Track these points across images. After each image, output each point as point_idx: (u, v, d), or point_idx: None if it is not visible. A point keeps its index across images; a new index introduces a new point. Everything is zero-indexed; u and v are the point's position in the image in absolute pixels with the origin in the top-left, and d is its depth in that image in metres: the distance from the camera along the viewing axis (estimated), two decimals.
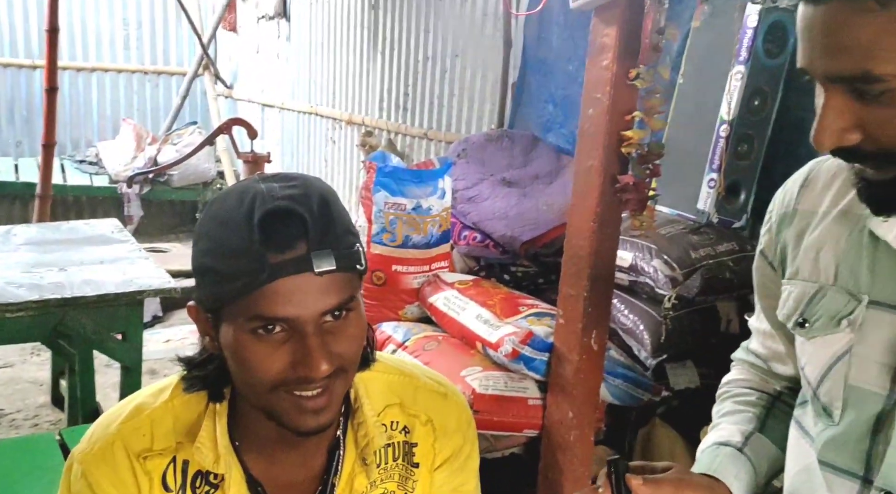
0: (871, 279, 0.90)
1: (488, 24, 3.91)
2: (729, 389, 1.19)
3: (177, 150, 6.02)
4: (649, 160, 2.14)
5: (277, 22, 5.98)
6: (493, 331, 2.39)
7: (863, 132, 0.78)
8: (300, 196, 0.88)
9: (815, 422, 0.97)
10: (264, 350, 0.89)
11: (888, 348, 0.87)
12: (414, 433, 1.11)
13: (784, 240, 1.02)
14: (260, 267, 0.85)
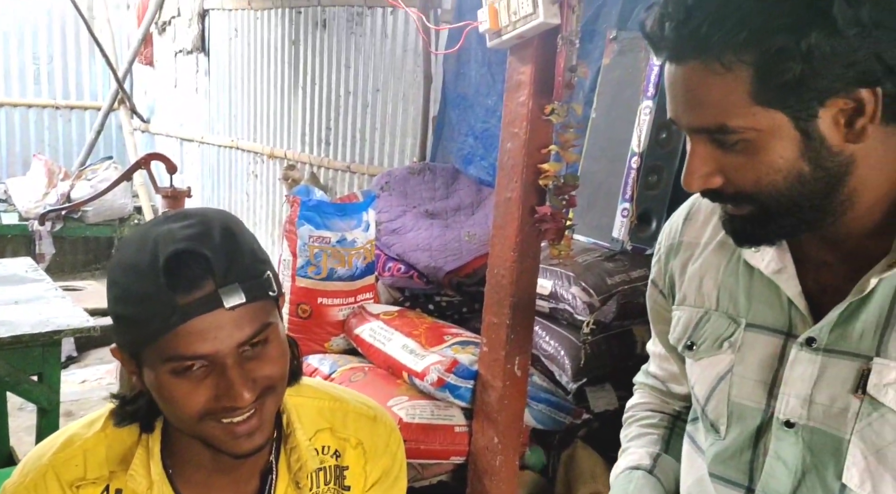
0: (747, 304, 0.99)
1: (409, 59, 4.00)
2: (634, 413, 1.28)
3: (91, 186, 5.88)
4: (565, 191, 2.24)
5: (196, 56, 5.94)
6: (419, 361, 2.43)
7: (723, 177, 0.87)
8: (200, 234, 0.90)
9: (705, 437, 1.06)
10: (186, 387, 0.91)
11: (763, 366, 0.96)
12: (345, 456, 1.14)
13: (672, 269, 1.12)
14: (169, 311, 0.87)
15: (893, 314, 0.87)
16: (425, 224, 3.12)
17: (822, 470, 0.92)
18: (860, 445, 0.88)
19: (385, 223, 3.15)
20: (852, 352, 0.89)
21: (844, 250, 0.92)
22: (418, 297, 3.01)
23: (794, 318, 0.95)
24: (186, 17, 5.93)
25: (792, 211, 0.87)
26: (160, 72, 6.53)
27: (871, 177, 0.86)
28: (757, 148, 0.84)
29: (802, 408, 0.92)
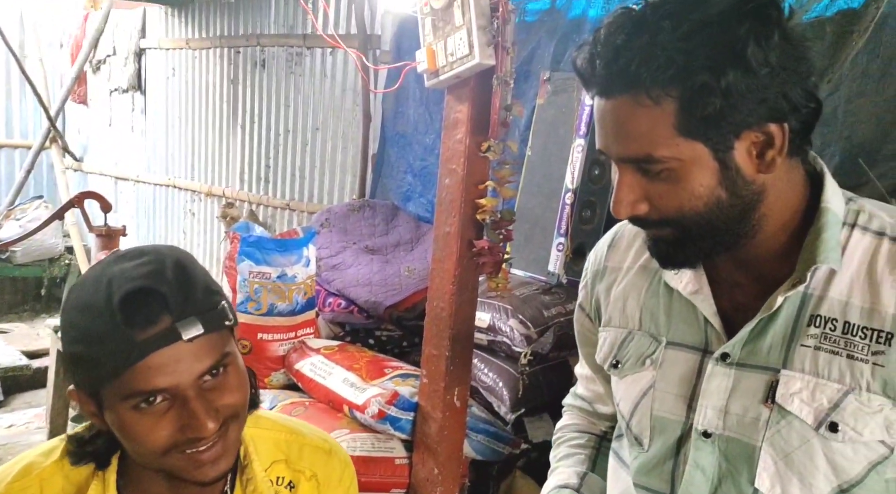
0: (668, 323, 1.07)
1: (348, 99, 4.06)
2: (563, 434, 1.35)
3: (20, 226, 5.75)
4: (502, 226, 2.31)
5: (132, 95, 5.90)
6: (360, 394, 2.44)
7: (649, 204, 0.95)
8: (154, 272, 0.92)
9: (629, 451, 1.13)
10: (149, 422, 0.92)
11: (682, 381, 1.04)
12: (299, 488, 1.17)
13: (597, 293, 1.20)
14: (128, 347, 0.89)
15: (797, 330, 0.96)
16: (365, 259, 3.15)
17: (736, 476, 0.99)
18: (770, 451, 0.96)
19: (325, 259, 3.17)
20: (762, 366, 0.97)
21: (755, 272, 1.00)
22: (359, 332, 3.03)
23: (709, 336, 1.03)
24: (122, 55, 5.90)
25: (710, 234, 0.95)
26: (94, 110, 6.46)
27: (776, 204, 0.96)
28: (680, 176, 0.92)
29: (718, 419, 1.00)
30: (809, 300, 0.96)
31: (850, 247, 0.96)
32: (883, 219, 0.97)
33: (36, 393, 4.80)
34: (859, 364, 0.92)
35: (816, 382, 0.94)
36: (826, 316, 0.95)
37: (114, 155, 6.28)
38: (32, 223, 5.54)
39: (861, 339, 0.92)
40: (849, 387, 0.92)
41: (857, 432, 0.92)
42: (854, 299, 0.94)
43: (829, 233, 0.95)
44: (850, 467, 0.93)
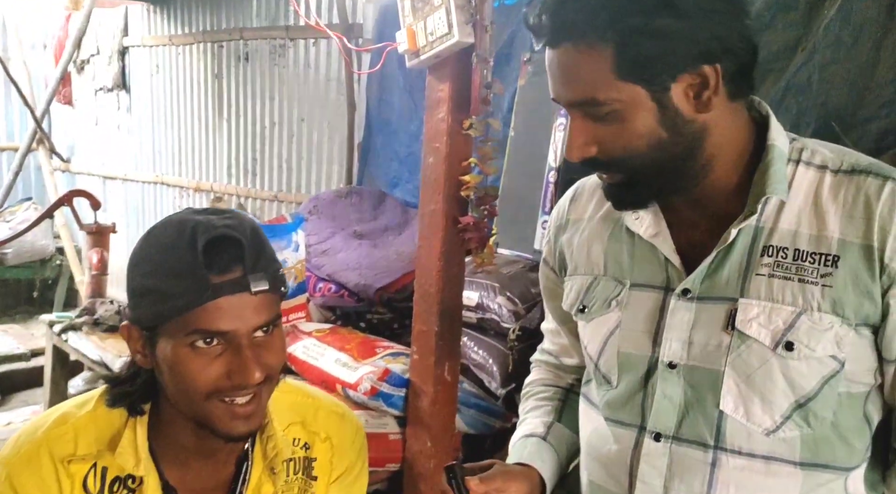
0: (631, 265, 1.13)
1: (332, 88, 4.09)
2: (531, 389, 1.40)
3: (10, 228, 5.75)
4: (486, 202, 2.35)
5: (117, 94, 5.92)
6: (352, 373, 2.48)
7: (598, 146, 1.02)
8: (236, 226, 1.01)
9: (598, 392, 1.18)
10: (202, 361, 1.00)
11: (647, 319, 1.10)
12: (313, 449, 1.23)
13: (561, 246, 1.25)
14: (203, 287, 0.97)
15: (752, 261, 1.02)
16: (354, 244, 3.19)
17: (702, 402, 1.05)
18: (733, 375, 1.02)
19: (314, 245, 3.21)
20: (721, 297, 1.04)
21: (709, 212, 1.07)
22: (350, 316, 3.07)
23: (671, 274, 1.09)
24: (106, 54, 5.91)
25: (657, 173, 1.02)
26: (80, 110, 6.46)
27: (723, 145, 1.02)
28: (622, 118, 0.98)
29: (683, 350, 1.06)
30: (762, 232, 1.02)
31: (796, 180, 1.02)
32: (824, 153, 1.04)
33: (32, 391, 4.82)
34: (810, 287, 0.98)
35: (772, 307, 0.99)
36: (778, 246, 1.01)
37: (101, 154, 6.29)
38: (22, 225, 5.55)
39: (811, 264, 0.98)
40: (802, 309, 0.98)
41: (811, 349, 0.98)
42: (802, 228, 1.00)
43: (776, 167, 1.01)
44: (805, 382, 0.99)
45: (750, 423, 1.02)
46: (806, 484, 1.02)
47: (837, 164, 1.02)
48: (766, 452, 1.02)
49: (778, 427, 1.01)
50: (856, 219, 0.97)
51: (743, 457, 1.02)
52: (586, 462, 1.21)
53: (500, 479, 1.13)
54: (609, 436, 1.14)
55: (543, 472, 1.21)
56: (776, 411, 1.00)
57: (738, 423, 1.02)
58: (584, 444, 1.22)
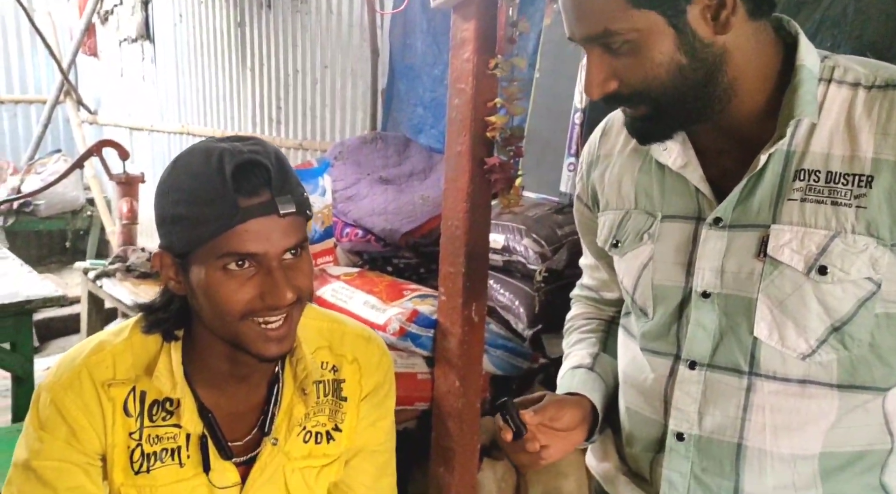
0: (661, 198, 1.12)
1: (355, 34, 4.06)
2: (573, 323, 1.41)
3: (42, 180, 5.83)
4: (512, 142, 2.34)
5: (141, 44, 5.92)
6: (380, 314, 2.52)
7: (618, 80, 1.00)
8: (261, 151, 1.03)
9: (636, 324, 1.19)
10: (235, 284, 1.03)
11: (679, 250, 1.10)
12: (342, 370, 1.26)
13: (593, 181, 1.25)
14: (233, 211, 0.99)
15: (784, 186, 1.01)
16: (380, 189, 3.20)
17: (736, 329, 1.05)
18: (766, 301, 1.02)
19: (340, 191, 3.22)
20: (753, 224, 1.03)
21: (738, 137, 1.05)
22: (376, 260, 3.10)
23: (701, 204, 1.08)
24: (129, 5, 5.90)
25: (680, 102, 1.00)
26: (105, 62, 6.48)
27: (748, 67, 1.00)
28: (640, 47, 0.96)
29: (716, 279, 1.06)
30: (793, 157, 1.00)
31: (828, 100, 1.00)
32: (857, 70, 1.01)
33: (69, 338, 4.96)
34: (843, 209, 0.96)
35: (804, 231, 0.98)
36: (809, 169, 0.99)
37: (127, 105, 6.32)
38: (52, 176, 5.62)
39: (843, 186, 0.97)
40: (835, 232, 0.97)
41: (845, 271, 0.97)
42: (835, 150, 0.98)
43: (805, 88, 0.98)
44: (840, 305, 0.98)
45: (785, 348, 1.02)
46: (843, 405, 1.02)
47: (871, 80, 0.99)
48: (801, 376, 1.02)
49: (814, 351, 1.01)
50: (890, 136, 0.95)
51: (778, 382, 1.03)
52: (624, 389, 1.23)
53: (552, 408, 1.14)
54: (645, 366, 1.16)
55: (594, 400, 1.22)
56: (811, 335, 1.00)
57: (773, 349, 1.02)
58: (622, 373, 1.24)
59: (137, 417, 1.13)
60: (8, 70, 6.80)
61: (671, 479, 1.12)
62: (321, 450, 1.25)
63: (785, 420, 1.03)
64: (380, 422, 1.32)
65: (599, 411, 1.22)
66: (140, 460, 1.13)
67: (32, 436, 1.12)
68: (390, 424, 1.35)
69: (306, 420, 1.23)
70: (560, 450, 1.16)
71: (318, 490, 1.26)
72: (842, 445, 1.03)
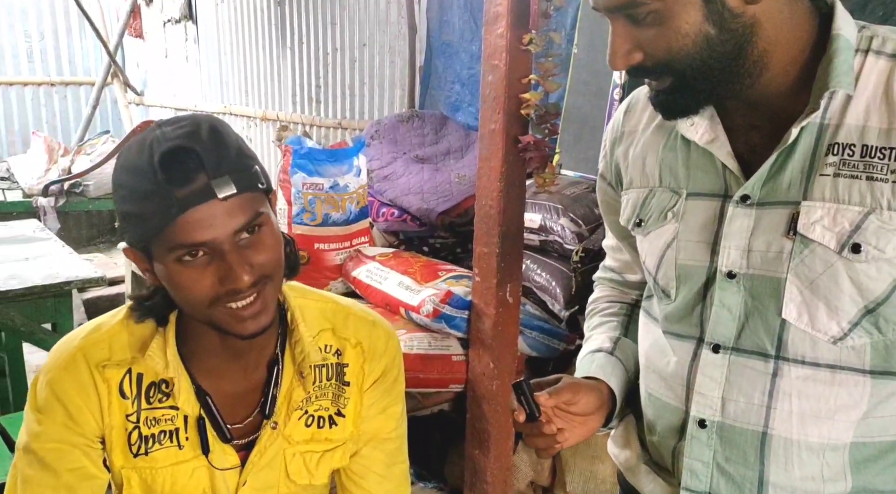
0: (686, 175, 1.07)
1: (392, 11, 4.02)
2: (595, 306, 1.37)
3: (91, 161, 5.94)
4: (547, 120, 2.28)
5: (184, 25, 5.96)
6: (415, 295, 2.50)
7: (642, 51, 0.95)
8: (191, 133, 0.99)
9: (658, 306, 1.14)
10: (192, 274, 1.00)
11: (704, 228, 1.05)
12: (345, 354, 1.24)
13: (616, 159, 1.20)
14: (169, 203, 0.96)
15: (816, 161, 0.95)
16: (416, 169, 3.17)
17: (763, 311, 1.00)
18: (796, 281, 0.96)
19: (377, 170, 3.20)
20: (783, 201, 0.97)
21: (768, 112, 0.99)
22: (413, 240, 3.08)
23: (728, 180, 1.03)
24: None
25: (707, 75, 0.95)
26: (150, 43, 6.56)
27: (780, 38, 0.94)
28: (665, 17, 0.92)
29: (742, 258, 1.01)
30: (826, 130, 0.95)
31: (865, 72, 0.94)
32: None
33: None
34: (879, 184, 0.91)
35: (837, 208, 0.93)
36: (844, 143, 0.93)
37: (171, 86, 6.39)
38: (101, 157, 5.73)
39: (880, 160, 0.91)
40: (870, 208, 0.92)
41: (880, 250, 0.92)
42: (871, 122, 0.93)
43: (841, 58, 0.93)
44: (874, 286, 0.93)
45: (815, 331, 0.97)
46: (875, 393, 0.97)
47: None
48: (832, 360, 0.97)
49: (846, 335, 0.96)
50: None
51: (807, 367, 0.98)
52: (645, 374, 1.19)
53: (568, 392, 1.11)
54: (667, 349, 1.12)
55: (613, 384, 1.18)
56: (843, 318, 0.95)
57: (802, 332, 0.97)
58: (643, 357, 1.20)
59: (134, 399, 1.13)
60: (58, 53, 6.93)
61: (693, 468, 1.08)
62: (323, 435, 1.23)
63: (813, 407, 0.99)
64: (389, 409, 1.29)
65: (618, 396, 1.19)
66: (138, 442, 1.13)
67: (31, 419, 1.12)
68: (401, 411, 1.32)
69: (308, 404, 1.21)
70: (576, 435, 1.13)
71: (318, 475, 1.24)
72: (874, 435, 0.99)
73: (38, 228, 3.17)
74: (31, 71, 6.85)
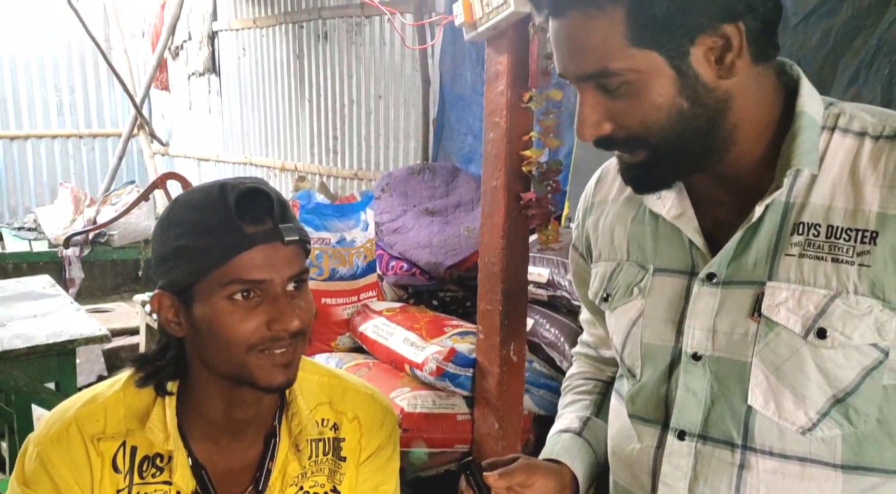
0: (654, 250, 1.04)
1: (407, 65, 4.07)
2: (570, 382, 1.31)
3: (116, 210, 6.03)
4: (549, 177, 2.27)
5: (208, 78, 6.08)
6: (419, 352, 2.47)
7: (613, 122, 0.92)
8: (261, 182, 1.05)
9: (626, 386, 1.09)
10: (241, 313, 1.01)
11: (670, 306, 1.00)
12: (342, 429, 1.21)
13: (587, 230, 1.16)
14: (238, 238, 1.00)
15: (781, 240, 0.92)
16: (426, 222, 3.17)
17: (729, 397, 0.95)
18: (761, 366, 0.92)
19: (387, 223, 3.21)
20: (748, 281, 0.93)
21: (735, 188, 0.96)
22: (422, 294, 3.06)
23: (695, 257, 0.99)
24: (197, 40, 6.09)
25: (680, 149, 0.91)
26: (175, 95, 6.69)
27: (748, 114, 0.91)
28: (638, 89, 0.89)
29: (707, 340, 0.96)
30: (791, 208, 0.92)
31: (831, 150, 0.91)
32: (864, 118, 0.92)
33: None
34: (845, 266, 0.88)
35: (802, 290, 0.90)
36: (809, 223, 0.90)
37: (195, 137, 6.50)
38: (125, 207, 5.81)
39: (845, 241, 0.88)
40: (835, 292, 0.88)
41: (847, 336, 0.87)
42: (837, 202, 0.90)
43: (805, 136, 0.90)
44: (842, 374, 0.89)
45: (782, 420, 0.92)
46: (848, 489, 0.91)
47: (879, 130, 0.90)
48: (801, 453, 0.92)
49: (815, 425, 0.91)
50: None
51: (775, 459, 0.93)
52: (612, 461, 1.14)
53: (522, 473, 1.07)
54: (632, 434, 1.06)
55: (576, 469, 1.13)
56: (811, 407, 0.90)
57: (769, 420, 0.92)
58: (611, 443, 1.14)
59: (126, 474, 1.10)
60: (87, 106, 7.08)
61: None
62: None
63: None
64: (382, 487, 1.25)
65: (581, 482, 1.13)
66: None
67: (17, 492, 1.10)
68: (394, 489, 1.28)
69: (303, 479, 1.18)
70: None
71: None
72: None
73: (49, 284, 3.20)
74: (60, 123, 7.01)
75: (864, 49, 2.10)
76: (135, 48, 6.91)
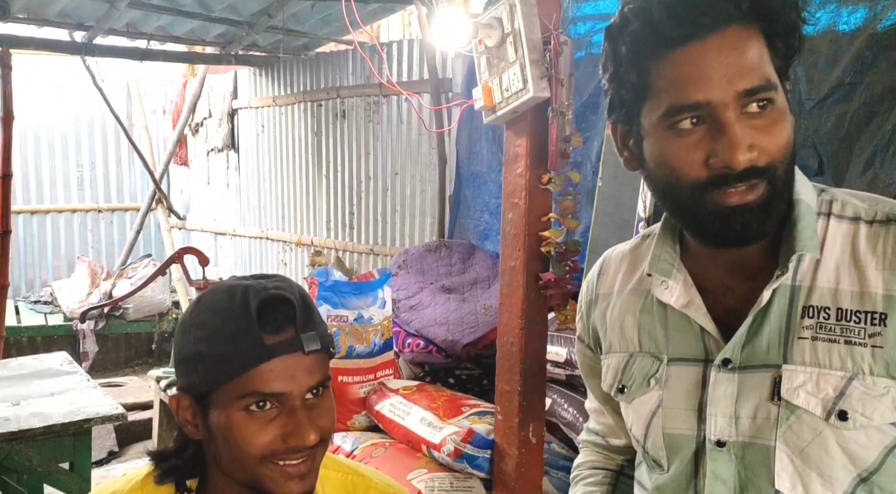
0: (666, 340, 1.04)
1: (423, 142, 4.14)
2: (579, 473, 1.29)
3: (131, 284, 6.07)
4: (567, 257, 2.29)
5: (226, 153, 6.20)
6: (437, 432, 2.44)
7: (757, 148, 0.87)
8: (286, 287, 1.02)
9: (649, 476, 1.08)
10: (257, 425, 0.99)
11: (689, 395, 1.00)
12: None
13: (593, 322, 1.16)
14: (258, 348, 0.97)
15: (792, 323, 0.93)
16: (442, 299, 3.17)
17: (756, 481, 0.95)
18: (785, 449, 0.92)
19: (403, 300, 3.21)
20: (763, 364, 0.94)
21: (742, 274, 0.98)
22: (439, 372, 3.04)
23: (708, 344, 0.99)
24: (217, 117, 6.23)
25: (787, 187, 0.92)
26: (194, 170, 6.81)
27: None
28: (782, 112, 0.89)
29: (730, 426, 0.96)
30: (799, 292, 0.93)
31: (830, 235, 0.94)
32: (856, 205, 0.95)
33: (148, 443, 5.02)
34: (858, 348, 0.89)
35: (819, 372, 0.91)
36: (818, 306, 0.92)
37: (212, 211, 6.59)
38: (141, 281, 5.84)
39: (856, 323, 0.90)
40: (852, 373, 0.89)
41: (867, 417, 0.88)
42: (843, 285, 0.92)
43: (805, 222, 0.93)
44: (865, 454, 0.90)
45: None
46: None
47: (871, 215, 0.94)
48: None
49: None
50: None
51: None
52: None
53: None
54: None
55: None
56: (838, 487, 0.91)
57: None
58: None
59: None
60: (106, 180, 7.21)
61: None
62: None
63: None
64: None
65: None
66: None
67: None
68: None
69: None
70: None
71: None
72: None
73: (66, 361, 3.20)
74: (79, 198, 7.13)
75: (878, 133, 2.13)
76: (156, 124, 7.08)
